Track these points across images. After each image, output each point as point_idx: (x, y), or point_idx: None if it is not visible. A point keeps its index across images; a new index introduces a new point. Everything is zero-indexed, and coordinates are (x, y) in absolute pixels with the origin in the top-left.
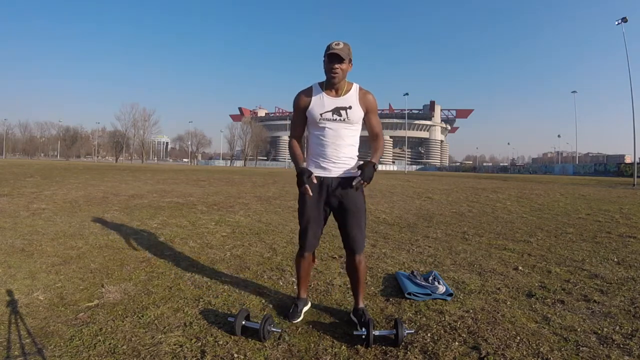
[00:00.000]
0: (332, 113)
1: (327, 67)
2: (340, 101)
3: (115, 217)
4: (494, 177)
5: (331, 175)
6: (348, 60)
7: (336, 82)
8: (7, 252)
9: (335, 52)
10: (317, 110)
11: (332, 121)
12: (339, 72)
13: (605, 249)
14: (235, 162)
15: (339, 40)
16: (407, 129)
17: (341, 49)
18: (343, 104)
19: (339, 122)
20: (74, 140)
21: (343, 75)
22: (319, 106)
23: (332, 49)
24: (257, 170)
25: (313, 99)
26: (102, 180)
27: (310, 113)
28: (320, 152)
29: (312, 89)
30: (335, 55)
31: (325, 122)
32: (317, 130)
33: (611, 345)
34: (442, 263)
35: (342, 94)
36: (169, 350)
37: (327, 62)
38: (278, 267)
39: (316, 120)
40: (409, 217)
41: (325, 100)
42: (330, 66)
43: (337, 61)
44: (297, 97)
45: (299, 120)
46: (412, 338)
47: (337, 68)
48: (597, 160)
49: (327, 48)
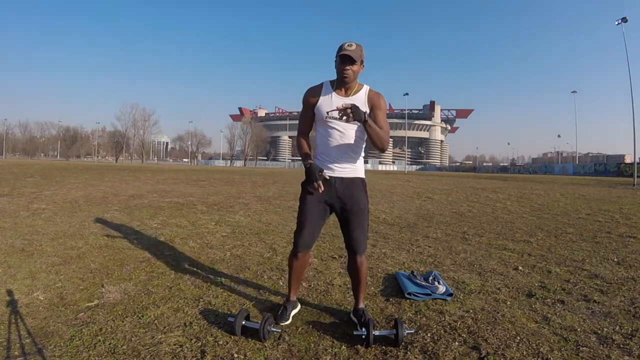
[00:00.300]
0: (338, 112)
1: (339, 67)
2: (348, 101)
3: (115, 217)
4: (494, 177)
5: (335, 174)
6: (360, 62)
7: (347, 82)
8: (7, 252)
9: (347, 53)
10: (325, 109)
11: (338, 120)
12: (350, 73)
13: (605, 249)
14: (235, 162)
15: (351, 42)
16: (407, 129)
17: (353, 50)
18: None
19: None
20: (74, 140)
21: (354, 76)
22: (327, 104)
23: (345, 50)
24: (257, 170)
25: (322, 97)
26: (102, 180)
27: (318, 110)
28: (326, 151)
29: (322, 87)
30: (347, 56)
31: (331, 120)
32: (324, 128)
33: (611, 345)
34: (442, 263)
35: (351, 94)
36: (169, 350)
37: (338, 63)
38: (278, 267)
39: (323, 118)
40: (409, 217)
41: (334, 99)
42: (341, 67)
43: (349, 62)
44: (306, 93)
45: (306, 116)
46: (412, 338)
47: (348, 69)
48: (597, 160)
49: (340, 49)
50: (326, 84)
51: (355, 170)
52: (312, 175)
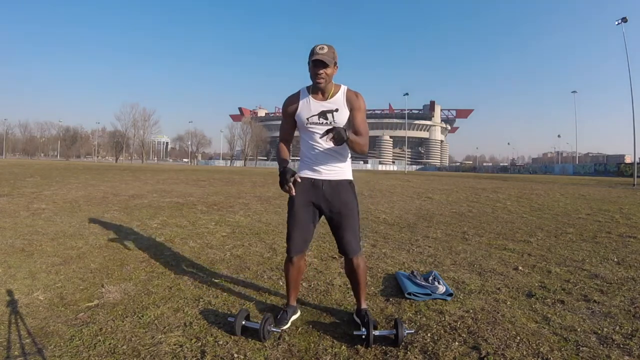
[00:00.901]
0: (318, 117)
1: (312, 72)
2: (326, 104)
3: (115, 217)
4: (494, 177)
5: (322, 177)
6: (333, 64)
7: (322, 86)
8: (7, 252)
9: (319, 58)
10: (304, 115)
11: (319, 125)
12: (324, 77)
13: (605, 249)
14: (235, 162)
15: (322, 44)
16: (407, 129)
17: (325, 53)
18: (330, 107)
19: (326, 125)
20: (74, 140)
21: (329, 79)
22: (306, 110)
23: (316, 54)
24: (257, 170)
25: (300, 104)
26: (102, 180)
27: (298, 117)
28: (311, 156)
29: (299, 94)
30: (319, 61)
31: (312, 126)
32: (306, 134)
33: (611, 345)
34: (442, 263)
35: (328, 97)
36: (169, 350)
37: (312, 67)
38: (278, 267)
39: (304, 124)
40: (409, 217)
41: (312, 104)
42: (315, 71)
43: (322, 66)
44: (285, 102)
45: (287, 125)
46: (412, 338)
47: (322, 73)
48: (597, 160)
49: (311, 53)
50: (303, 90)
51: (342, 173)
52: (283, 179)
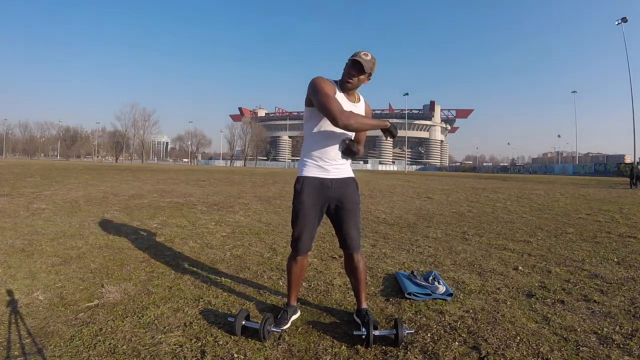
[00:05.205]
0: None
1: (347, 71)
2: (354, 108)
3: (115, 217)
4: (494, 177)
5: (330, 176)
6: (368, 74)
7: (349, 87)
8: (7, 252)
9: (360, 60)
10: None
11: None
12: (354, 81)
13: (605, 249)
14: (235, 162)
15: (368, 52)
16: (407, 129)
17: (368, 60)
18: (358, 111)
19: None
20: (74, 140)
21: (358, 84)
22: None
23: (359, 57)
24: (257, 170)
25: (337, 95)
26: (102, 180)
27: None
28: (322, 152)
29: (335, 83)
30: (359, 63)
31: None
32: (326, 128)
33: (611, 345)
34: (442, 263)
35: (355, 102)
36: (169, 350)
37: (348, 66)
38: (278, 267)
39: None
40: (409, 217)
41: (345, 101)
42: (349, 71)
43: (358, 69)
44: (327, 81)
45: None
46: (412, 338)
47: (354, 76)
48: (597, 160)
49: (355, 53)
50: (335, 83)
51: (347, 170)
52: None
